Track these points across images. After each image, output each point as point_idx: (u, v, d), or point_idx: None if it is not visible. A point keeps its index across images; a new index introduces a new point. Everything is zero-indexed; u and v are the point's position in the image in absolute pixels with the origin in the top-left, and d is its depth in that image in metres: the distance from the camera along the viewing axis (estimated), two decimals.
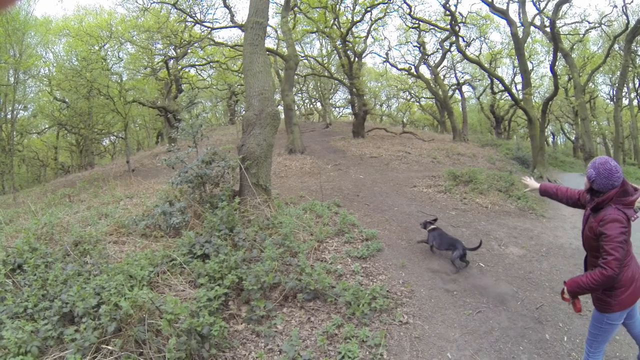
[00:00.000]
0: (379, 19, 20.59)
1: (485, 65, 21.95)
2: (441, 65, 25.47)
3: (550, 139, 38.70)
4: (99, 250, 5.06)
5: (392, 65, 25.75)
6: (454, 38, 19.01)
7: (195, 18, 18.29)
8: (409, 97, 33.80)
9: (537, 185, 3.71)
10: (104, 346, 3.35)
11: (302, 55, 24.44)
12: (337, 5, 18.53)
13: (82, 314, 3.54)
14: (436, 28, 21.31)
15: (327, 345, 3.88)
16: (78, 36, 17.33)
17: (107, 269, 4.26)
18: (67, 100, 21.73)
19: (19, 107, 20.61)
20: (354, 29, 20.18)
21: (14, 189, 15.99)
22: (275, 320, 4.19)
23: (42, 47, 20.70)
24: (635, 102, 28.11)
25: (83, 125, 21.77)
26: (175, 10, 17.63)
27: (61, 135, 27.38)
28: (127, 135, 22.51)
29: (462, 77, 28.54)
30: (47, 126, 25.97)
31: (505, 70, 30.79)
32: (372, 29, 21.37)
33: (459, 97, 28.39)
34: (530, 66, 22.73)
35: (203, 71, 26.81)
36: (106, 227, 6.16)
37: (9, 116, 18.63)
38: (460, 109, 27.66)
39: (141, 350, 3.39)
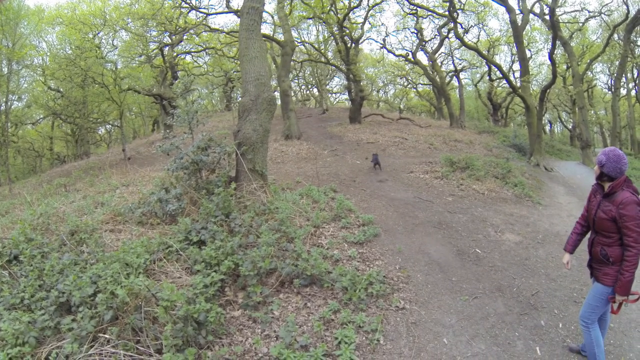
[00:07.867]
0: (377, 4, 20.37)
1: (484, 52, 21.68)
2: (439, 52, 25.23)
3: (547, 127, 38.57)
4: (95, 239, 5.05)
5: (389, 51, 25.55)
6: (452, 24, 18.81)
7: (191, 4, 17.97)
8: (406, 84, 33.64)
9: (569, 253, 3.73)
10: (101, 335, 3.36)
11: (299, 41, 24.15)
12: None
13: (79, 303, 3.54)
14: (434, 14, 21.03)
15: (324, 330, 3.90)
16: (71, 24, 17.03)
17: (104, 257, 4.26)
18: (61, 89, 21.46)
19: (13, 98, 20.34)
20: (351, 15, 19.97)
21: (10, 181, 15.88)
22: (272, 306, 4.20)
23: (35, 37, 20.38)
24: (633, 92, 28.03)
25: (78, 114, 21.58)
26: None
27: (56, 125, 27.15)
28: (123, 123, 22.35)
29: (460, 64, 28.29)
30: (41, 116, 25.66)
31: (504, 57, 30.64)
32: (369, 15, 21.12)
33: (457, 84, 28.17)
34: (528, 54, 22.48)
35: (199, 58, 26.49)
36: (102, 216, 6.15)
37: (2, 107, 18.36)
38: (458, 95, 27.49)
39: (138, 338, 3.40)
